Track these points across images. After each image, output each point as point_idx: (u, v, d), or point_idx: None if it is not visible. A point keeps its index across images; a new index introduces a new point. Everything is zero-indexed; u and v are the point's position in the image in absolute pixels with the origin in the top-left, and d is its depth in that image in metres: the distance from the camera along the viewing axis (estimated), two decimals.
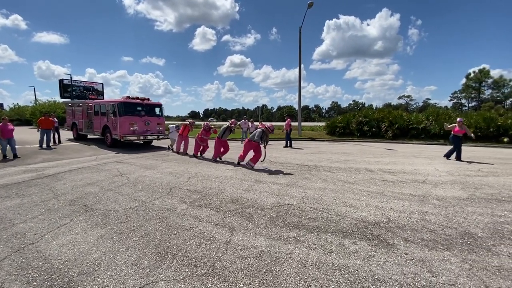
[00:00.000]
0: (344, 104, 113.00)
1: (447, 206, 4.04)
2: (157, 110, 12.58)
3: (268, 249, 2.73)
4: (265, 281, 2.20)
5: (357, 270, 2.33)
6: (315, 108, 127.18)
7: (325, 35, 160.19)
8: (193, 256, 2.60)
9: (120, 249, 2.74)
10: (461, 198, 4.45)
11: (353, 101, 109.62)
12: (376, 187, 5.17)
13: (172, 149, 10.98)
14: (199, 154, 9.43)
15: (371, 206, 4.03)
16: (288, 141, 12.96)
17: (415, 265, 2.41)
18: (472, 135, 9.19)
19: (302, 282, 2.18)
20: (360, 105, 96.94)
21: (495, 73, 48.25)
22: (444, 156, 9.11)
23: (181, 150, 10.11)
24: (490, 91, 48.77)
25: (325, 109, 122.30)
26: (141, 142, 12.78)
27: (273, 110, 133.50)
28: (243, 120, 15.74)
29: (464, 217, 3.59)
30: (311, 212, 3.79)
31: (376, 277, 2.24)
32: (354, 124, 20.63)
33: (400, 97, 77.71)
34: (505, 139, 14.97)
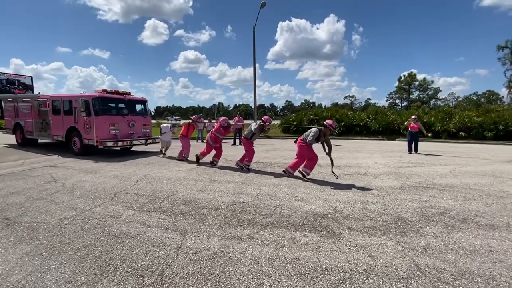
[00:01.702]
0: (297, 103, 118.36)
1: (384, 195, 4.51)
2: (139, 107, 10.06)
3: (222, 249, 2.68)
4: (217, 283, 2.15)
5: (307, 262, 2.44)
6: (270, 107, 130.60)
7: (278, 36, 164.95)
8: (139, 265, 2.40)
9: (51, 266, 2.39)
10: (395, 187, 5.02)
11: (305, 100, 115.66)
12: (324, 181, 5.50)
13: (164, 154, 9.07)
14: (201, 160, 7.46)
15: (320, 199, 4.27)
16: (238, 139, 13.51)
17: (358, 251, 2.62)
18: (425, 131, 10.39)
19: (255, 279, 2.19)
20: (311, 104, 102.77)
21: (421, 77, 55.90)
22: (411, 152, 9.73)
23: (170, 152, 8.56)
24: (417, 92, 56.41)
25: (280, 107, 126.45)
26: (119, 148, 9.71)
27: (230, 108, 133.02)
28: (200, 119, 15.36)
29: (398, 204, 4.05)
30: (265, 208, 3.84)
31: (324, 266, 2.36)
32: (306, 122, 21.86)
33: (345, 97, 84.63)
34: (429, 134, 17.47)
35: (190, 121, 8.39)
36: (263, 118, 6.68)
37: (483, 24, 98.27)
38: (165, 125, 9.47)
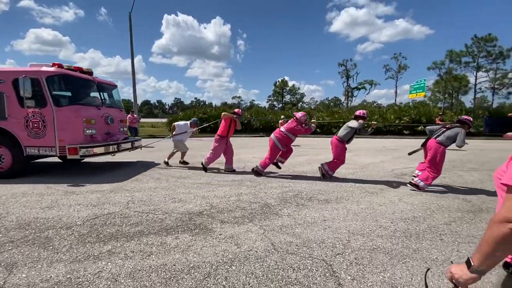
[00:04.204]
0: (187, 101, 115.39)
1: (256, 185, 5.04)
2: (110, 94, 6.97)
3: (69, 276, 2.19)
4: None
5: (175, 265, 2.36)
6: (157, 104, 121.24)
7: (164, 29, 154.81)
8: None
9: None
10: (265, 177, 5.71)
11: (195, 98, 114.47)
12: (206, 178, 5.59)
13: (167, 162, 6.96)
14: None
15: (198, 197, 4.29)
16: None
17: (226, 242, 2.78)
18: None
19: None
20: (202, 103, 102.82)
21: (291, 83, 66.87)
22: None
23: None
24: (289, 96, 67.04)
25: (169, 105, 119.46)
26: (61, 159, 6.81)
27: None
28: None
29: (265, 192, 4.62)
30: (135, 216, 3.47)
31: (192, 265, 2.36)
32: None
33: (233, 97, 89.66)
34: None
35: (234, 115, 6.17)
36: (359, 114, 5.58)
37: (331, 45, 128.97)
38: (182, 123, 7.06)
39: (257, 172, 5.85)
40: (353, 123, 5.46)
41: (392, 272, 2.28)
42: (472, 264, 0.90)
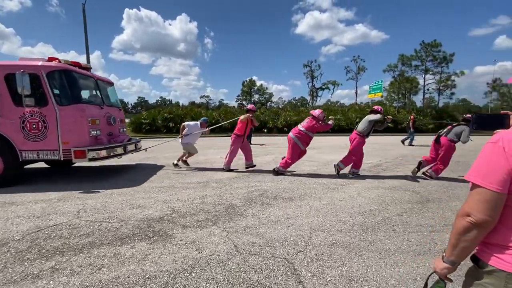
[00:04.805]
0: (152, 100, 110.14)
1: (221, 186, 4.95)
2: (108, 92, 6.52)
3: None
4: None
5: (129, 277, 2.19)
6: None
7: (125, 24, 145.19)
8: None
9: None
10: (231, 177, 5.65)
11: (161, 97, 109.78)
12: (168, 181, 5.35)
13: (177, 164, 6.75)
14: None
15: (159, 202, 4.07)
16: None
17: (187, 248, 2.66)
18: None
19: None
20: (168, 102, 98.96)
21: (259, 83, 67.64)
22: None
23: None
24: (257, 95, 67.67)
25: (132, 104, 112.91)
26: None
27: None
28: None
29: (231, 192, 4.55)
30: (86, 226, 3.18)
31: (148, 276, 2.21)
32: (160, 120, 20.83)
33: (201, 97, 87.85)
34: (265, 130, 21.37)
35: (250, 114, 6.14)
36: (377, 109, 5.77)
37: (297, 46, 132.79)
38: (192, 123, 6.78)
39: (278, 172, 5.93)
40: (373, 116, 5.69)
41: (349, 265, 2.37)
42: (444, 255, 0.99)
